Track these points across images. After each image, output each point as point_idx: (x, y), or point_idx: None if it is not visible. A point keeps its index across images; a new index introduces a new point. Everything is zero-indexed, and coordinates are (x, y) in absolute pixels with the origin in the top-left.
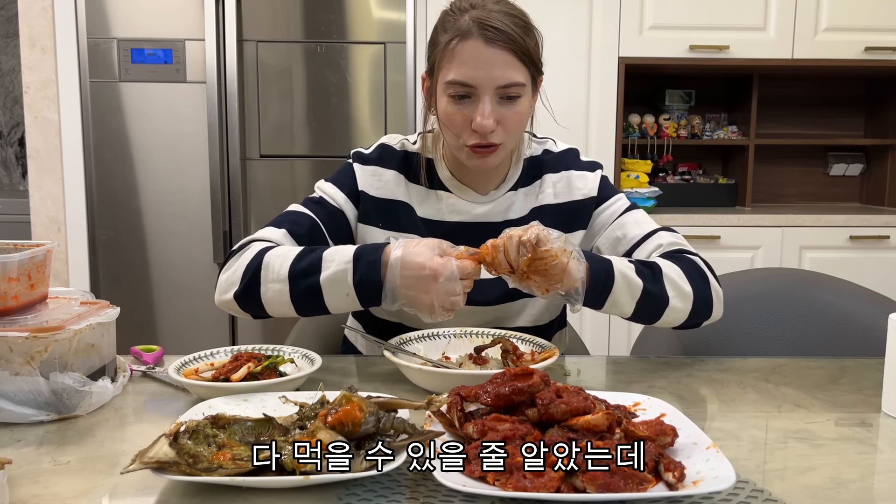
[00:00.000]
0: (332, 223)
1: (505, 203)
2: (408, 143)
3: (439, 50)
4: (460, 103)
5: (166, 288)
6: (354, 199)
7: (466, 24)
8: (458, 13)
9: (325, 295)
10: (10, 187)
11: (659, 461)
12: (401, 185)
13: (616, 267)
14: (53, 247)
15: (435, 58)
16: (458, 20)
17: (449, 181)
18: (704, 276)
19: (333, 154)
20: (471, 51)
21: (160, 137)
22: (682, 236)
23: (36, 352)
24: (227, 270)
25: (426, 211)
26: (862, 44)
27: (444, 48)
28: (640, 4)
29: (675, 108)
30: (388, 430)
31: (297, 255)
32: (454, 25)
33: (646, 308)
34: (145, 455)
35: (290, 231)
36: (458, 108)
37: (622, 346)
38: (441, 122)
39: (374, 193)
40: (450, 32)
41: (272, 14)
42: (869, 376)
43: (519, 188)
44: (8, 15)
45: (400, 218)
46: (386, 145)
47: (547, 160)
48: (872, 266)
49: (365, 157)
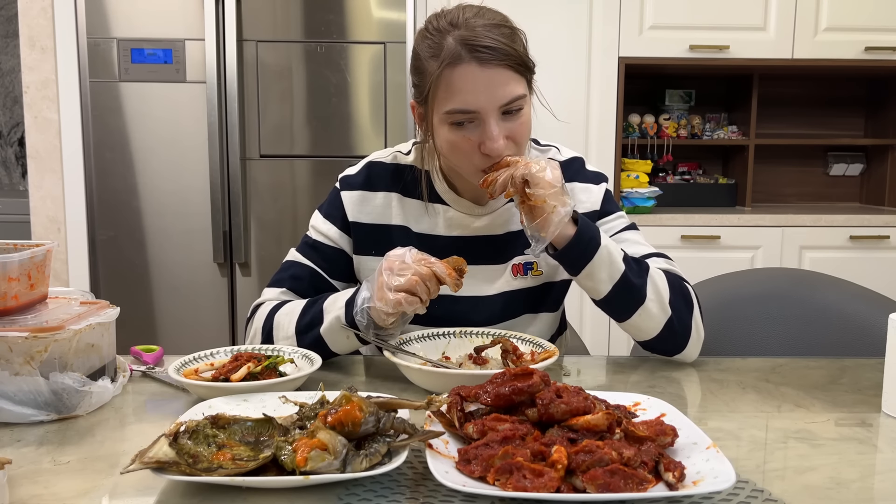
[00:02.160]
0: (331, 266)
1: (505, 215)
2: (401, 154)
3: (431, 79)
4: (464, 129)
5: (166, 288)
6: (347, 231)
7: (453, 47)
8: (438, 34)
9: (329, 343)
10: (10, 187)
11: (659, 461)
12: (393, 206)
13: (604, 241)
14: (53, 247)
15: (425, 87)
16: (442, 43)
17: (446, 194)
18: (690, 304)
19: (333, 154)
20: (465, 76)
21: (160, 137)
22: (676, 264)
23: (36, 352)
24: (247, 338)
25: (423, 226)
26: (862, 44)
27: (437, 78)
28: (640, 4)
29: (675, 108)
30: (388, 430)
31: (302, 311)
32: (440, 50)
33: (620, 296)
34: (145, 455)
35: (291, 288)
36: (462, 136)
37: (622, 346)
38: (445, 151)
39: (365, 220)
40: (438, 59)
41: (272, 14)
42: (869, 376)
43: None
44: (8, 15)
45: (394, 242)
46: (374, 163)
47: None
48: (872, 266)
49: (351, 181)
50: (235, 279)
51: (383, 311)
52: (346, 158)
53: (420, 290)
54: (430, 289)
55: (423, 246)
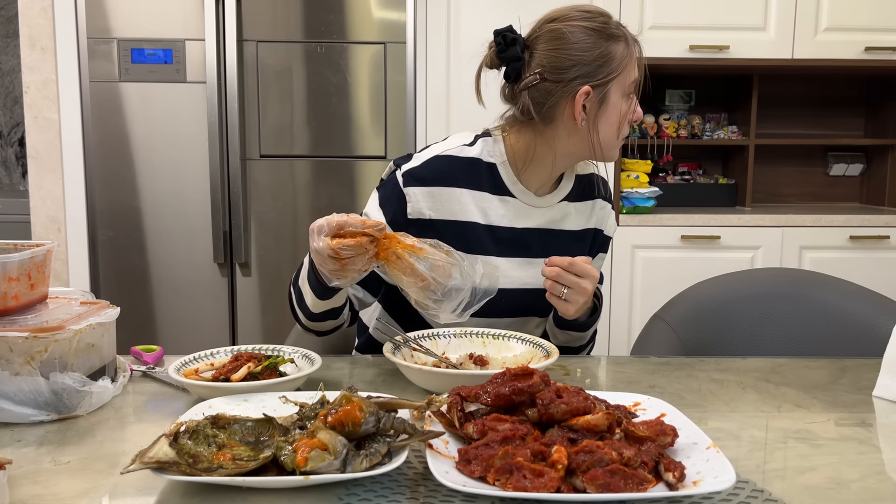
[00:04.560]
0: None
1: (560, 212)
2: (467, 148)
3: (619, 57)
4: (630, 101)
5: (166, 288)
6: (400, 227)
7: (628, 34)
8: (611, 25)
9: (310, 299)
10: (10, 187)
11: (659, 461)
12: (465, 201)
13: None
14: (53, 247)
15: (613, 67)
16: (618, 29)
17: (514, 186)
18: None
19: (333, 154)
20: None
21: (160, 137)
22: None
23: (36, 352)
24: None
25: (492, 218)
26: (862, 44)
27: (626, 53)
28: (640, 4)
29: (675, 108)
30: (388, 430)
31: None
32: (619, 33)
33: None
34: (145, 455)
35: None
36: (629, 106)
37: (622, 346)
38: (616, 123)
39: (434, 216)
40: (621, 41)
41: (272, 14)
42: (869, 376)
43: (572, 201)
44: (8, 15)
45: (468, 238)
46: (441, 157)
47: (598, 185)
48: (872, 266)
49: (417, 175)
50: (235, 279)
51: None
52: (347, 158)
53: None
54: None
55: (490, 240)
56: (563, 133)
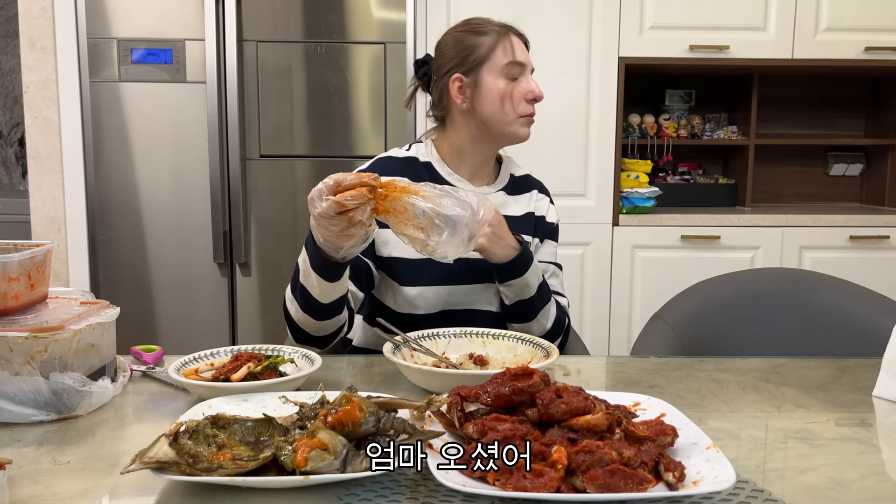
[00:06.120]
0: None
1: (499, 200)
2: (404, 151)
3: (486, 45)
4: (514, 82)
5: (166, 288)
6: None
7: (500, 26)
8: (482, 24)
9: (310, 283)
10: (10, 187)
11: (659, 461)
12: None
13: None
14: (53, 247)
15: (479, 54)
16: (487, 26)
17: (450, 176)
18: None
19: (333, 154)
20: (515, 42)
21: (160, 137)
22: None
23: (36, 352)
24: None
25: None
26: (862, 44)
27: (496, 42)
28: (639, 4)
29: (675, 108)
30: (388, 430)
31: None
32: (493, 27)
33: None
34: (145, 455)
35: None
36: (513, 86)
37: (622, 346)
38: (497, 101)
39: None
40: (490, 34)
41: (272, 14)
42: (869, 376)
43: (509, 194)
44: (8, 15)
45: None
46: (383, 158)
47: (533, 182)
48: (872, 266)
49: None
50: (235, 279)
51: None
52: (347, 158)
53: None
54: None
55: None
56: (460, 121)
